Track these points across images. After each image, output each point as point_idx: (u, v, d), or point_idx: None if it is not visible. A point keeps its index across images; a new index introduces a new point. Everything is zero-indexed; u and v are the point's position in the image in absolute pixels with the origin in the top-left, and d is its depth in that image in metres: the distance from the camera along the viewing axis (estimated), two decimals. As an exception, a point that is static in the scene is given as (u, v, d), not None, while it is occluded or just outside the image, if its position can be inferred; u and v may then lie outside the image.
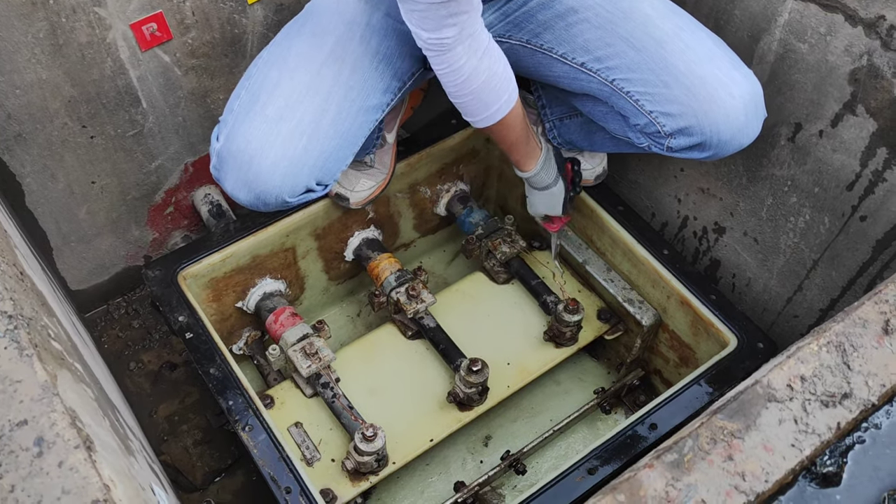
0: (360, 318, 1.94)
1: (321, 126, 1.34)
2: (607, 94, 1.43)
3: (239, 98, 1.36)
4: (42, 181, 1.58)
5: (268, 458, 1.35)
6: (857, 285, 1.48)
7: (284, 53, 1.36)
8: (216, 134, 1.37)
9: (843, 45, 1.31)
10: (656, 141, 1.41)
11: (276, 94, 1.33)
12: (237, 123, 1.33)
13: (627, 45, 1.38)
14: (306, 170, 1.34)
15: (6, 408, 0.75)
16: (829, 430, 0.79)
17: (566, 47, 1.43)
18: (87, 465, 0.72)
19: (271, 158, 1.31)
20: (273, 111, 1.32)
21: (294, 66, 1.34)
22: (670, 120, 1.36)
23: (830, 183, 1.44)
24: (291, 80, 1.33)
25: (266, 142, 1.31)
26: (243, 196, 1.36)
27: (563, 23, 1.42)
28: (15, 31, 1.35)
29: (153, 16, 1.47)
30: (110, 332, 1.88)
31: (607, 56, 1.40)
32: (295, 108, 1.32)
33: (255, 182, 1.33)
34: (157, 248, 1.88)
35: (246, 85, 1.37)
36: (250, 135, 1.31)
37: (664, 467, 0.76)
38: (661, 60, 1.36)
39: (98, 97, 1.52)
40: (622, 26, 1.38)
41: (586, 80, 1.44)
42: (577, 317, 1.66)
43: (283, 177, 1.33)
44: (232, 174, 1.34)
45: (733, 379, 1.48)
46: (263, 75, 1.35)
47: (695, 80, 1.33)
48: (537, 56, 1.48)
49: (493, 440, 1.75)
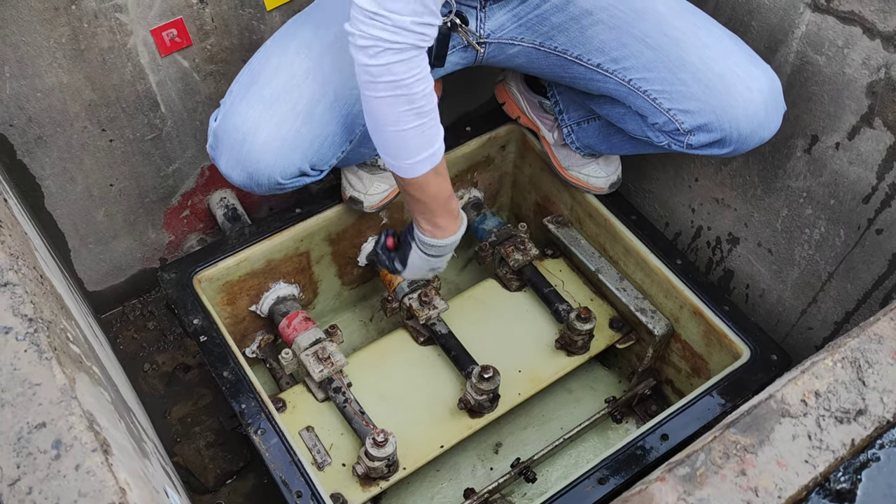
0: (373, 324, 1.94)
1: (317, 110, 1.33)
2: (624, 94, 1.42)
3: (238, 81, 1.36)
4: (61, 183, 1.60)
5: (279, 462, 1.35)
6: (873, 298, 1.47)
7: (287, 41, 1.37)
8: (214, 115, 1.37)
9: (861, 58, 1.30)
10: (676, 139, 1.41)
11: (274, 77, 1.33)
12: (234, 104, 1.33)
13: (643, 45, 1.38)
14: (299, 152, 1.33)
15: (25, 410, 0.76)
16: (844, 446, 0.79)
17: (581, 49, 1.43)
18: (103, 469, 0.73)
19: (263, 137, 1.30)
20: (269, 93, 1.31)
21: (295, 52, 1.34)
22: (689, 117, 1.36)
23: (846, 195, 1.43)
24: (291, 65, 1.33)
25: (260, 121, 1.30)
26: (236, 175, 1.35)
27: (577, 25, 1.41)
28: (37, 36, 1.37)
29: (173, 22, 1.49)
30: (125, 334, 1.90)
31: (623, 57, 1.39)
32: (292, 91, 1.32)
33: (246, 160, 1.32)
34: (172, 250, 1.89)
35: (247, 70, 1.37)
36: (246, 114, 1.31)
37: (676, 481, 0.76)
38: (677, 58, 1.35)
39: (118, 101, 1.54)
40: (637, 26, 1.38)
41: (602, 81, 1.44)
42: (588, 325, 1.66)
43: (276, 156, 1.32)
44: (226, 153, 1.34)
45: (746, 391, 1.47)
46: (264, 61, 1.36)
47: (712, 76, 1.32)
48: (551, 58, 1.47)
49: (504, 447, 1.75)
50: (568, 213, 1.88)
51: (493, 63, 1.53)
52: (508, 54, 1.50)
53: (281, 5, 1.59)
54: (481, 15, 1.42)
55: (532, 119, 1.80)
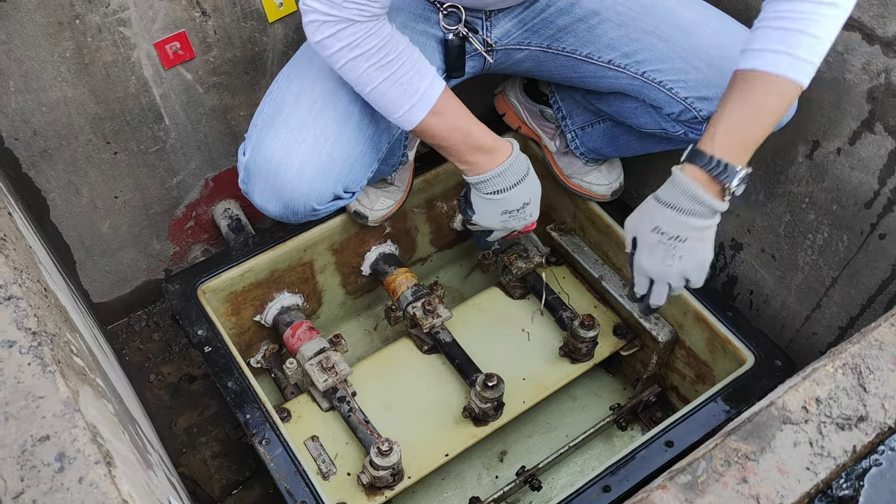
0: (377, 333, 1.95)
1: (345, 132, 1.33)
2: (637, 87, 1.42)
3: (262, 113, 1.36)
4: (66, 196, 1.61)
5: (284, 472, 1.36)
6: (877, 303, 1.47)
7: (305, 66, 1.37)
8: (242, 149, 1.38)
9: (861, 64, 1.30)
10: (693, 127, 1.41)
11: (298, 104, 1.33)
12: (262, 136, 1.33)
13: (654, 38, 1.38)
14: (332, 176, 1.33)
15: (29, 423, 0.77)
16: (845, 453, 0.79)
17: (590, 48, 1.43)
18: (106, 481, 0.73)
19: (297, 166, 1.30)
20: (296, 121, 1.32)
21: (315, 77, 1.34)
22: (707, 104, 1.36)
23: (849, 201, 1.43)
24: (313, 90, 1.33)
25: (291, 150, 1.30)
26: (272, 207, 1.35)
27: (584, 25, 1.42)
28: (42, 51, 1.39)
29: (176, 35, 1.50)
30: (131, 345, 1.91)
31: (634, 51, 1.39)
32: (318, 117, 1.32)
33: (282, 191, 1.32)
34: (177, 261, 1.91)
35: (269, 100, 1.37)
36: (275, 144, 1.31)
37: (678, 489, 0.76)
38: (690, 47, 1.36)
39: (122, 114, 1.56)
40: (645, 20, 1.38)
41: (614, 77, 1.44)
42: (592, 332, 1.66)
43: (310, 184, 1.32)
44: (259, 185, 1.34)
45: (751, 396, 1.47)
46: (285, 89, 1.36)
47: (728, 62, 1.29)
48: (560, 59, 1.47)
49: (509, 455, 1.74)
50: (571, 220, 1.89)
51: (501, 70, 1.54)
52: (516, 59, 1.50)
53: (283, 17, 1.60)
54: (487, 24, 1.43)
55: (533, 128, 1.80)
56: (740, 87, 1.14)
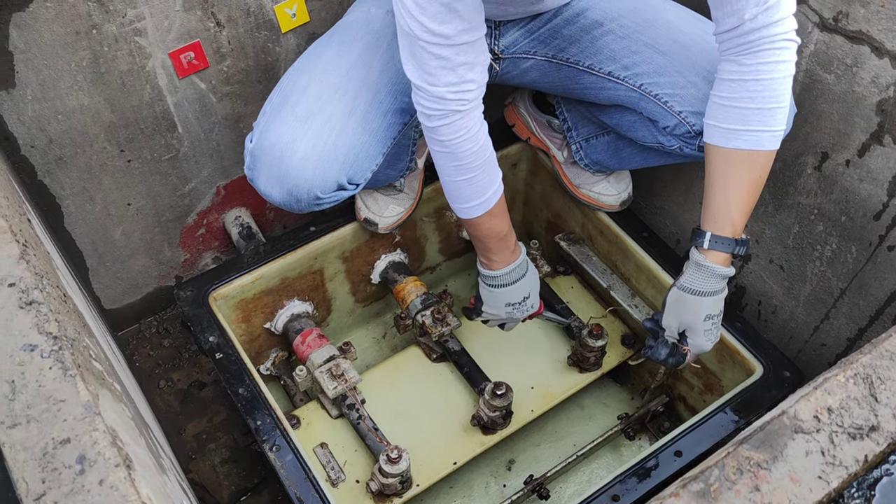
0: (386, 341, 1.96)
1: (350, 123, 1.36)
2: (635, 99, 1.45)
3: (270, 101, 1.39)
4: (80, 203, 1.63)
5: (294, 479, 1.36)
6: (886, 315, 1.47)
7: (314, 61, 1.41)
8: (249, 137, 1.40)
9: (870, 76, 1.31)
10: (687, 141, 1.43)
11: (305, 95, 1.36)
12: (268, 123, 1.36)
13: (653, 51, 1.41)
14: (336, 165, 1.35)
15: (50, 426, 0.78)
16: (857, 462, 0.79)
17: (593, 59, 1.46)
18: (126, 484, 0.74)
19: (301, 152, 1.33)
20: (303, 110, 1.34)
21: (323, 70, 1.38)
22: (700, 119, 1.37)
23: (857, 212, 1.44)
24: (321, 82, 1.37)
25: (296, 136, 1.33)
26: (276, 193, 1.38)
27: (588, 36, 1.45)
28: (59, 60, 1.41)
29: (191, 45, 1.52)
30: (142, 351, 1.92)
31: (634, 63, 1.42)
32: (324, 107, 1.35)
33: (286, 177, 1.35)
34: (188, 268, 1.92)
35: (278, 90, 1.41)
36: (281, 132, 1.34)
37: (690, 496, 0.77)
38: (687, 62, 1.38)
39: (136, 122, 1.57)
40: (646, 34, 1.42)
41: (613, 89, 1.46)
42: (600, 342, 1.67)
43: (314, 171, 1.34)
44: (264, 171, 1.37)
45: (759, 407, 1.47)
46: (293, 81, 1.39)
47: None
48: (563, 70, 1.50)
49: (517, 464, 1.75)
50: (579, 230, 1.90)
51: (507, 79, 1.56)
52: (522, 69, 1.53)
53: (295, 28, 1.62)
54: (496, 33, 1.47)
55: (541, 139, 1.82)
56: (736, 168, 1.23)
